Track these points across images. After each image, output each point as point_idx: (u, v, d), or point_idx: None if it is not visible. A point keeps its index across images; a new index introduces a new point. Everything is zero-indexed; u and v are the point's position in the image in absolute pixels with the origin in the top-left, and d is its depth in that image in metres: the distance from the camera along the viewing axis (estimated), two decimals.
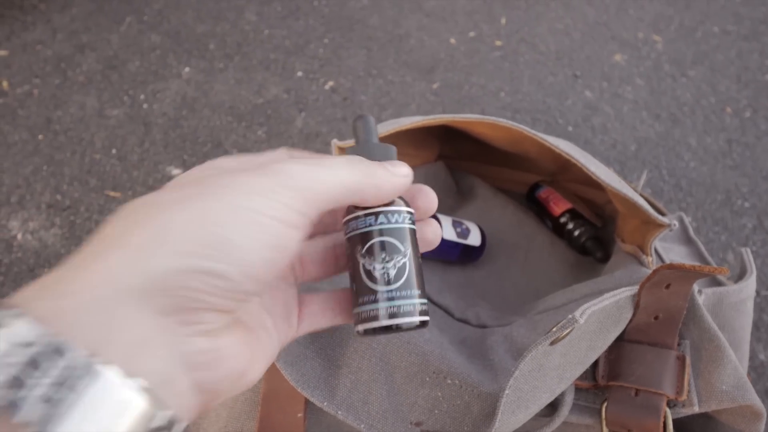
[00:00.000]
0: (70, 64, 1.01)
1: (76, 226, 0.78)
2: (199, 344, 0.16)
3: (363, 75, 1.03)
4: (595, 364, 0.31)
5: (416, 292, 0.21)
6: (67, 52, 1.03)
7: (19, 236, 0.76)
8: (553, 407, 0.30)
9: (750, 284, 0.35)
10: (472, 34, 1.15)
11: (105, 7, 1.13)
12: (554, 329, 0.27)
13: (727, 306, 0.33)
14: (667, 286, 0.29)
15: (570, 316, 0.26)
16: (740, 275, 0.37)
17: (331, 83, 1.01)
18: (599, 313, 0.29)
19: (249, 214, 0.17)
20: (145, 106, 0.95)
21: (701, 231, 0.83)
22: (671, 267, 0.28)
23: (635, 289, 0.30)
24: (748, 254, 0.37)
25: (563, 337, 0.27)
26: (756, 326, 0.71)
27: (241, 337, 0.19)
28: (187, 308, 0.16)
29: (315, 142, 0.91)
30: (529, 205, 0.56)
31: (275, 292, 0.22)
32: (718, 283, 0.38)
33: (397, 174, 0.21)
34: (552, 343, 0.27)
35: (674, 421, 0.29)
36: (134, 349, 0.14)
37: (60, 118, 0.92)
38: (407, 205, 0.22)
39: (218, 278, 0.16)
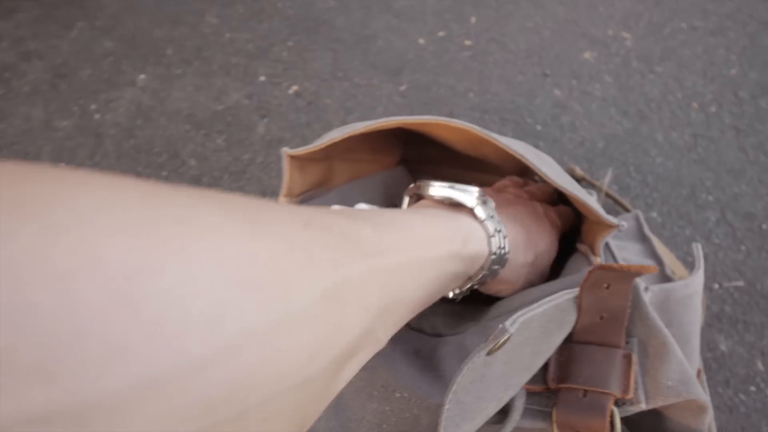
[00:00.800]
0: (15, 74, 0.95)
1: None
2: None
3: (328, 78, 1.00)
4: (546, 366, 0.31)
5: None
6: (11, 61, 0.97)
7: None
8: (504, 413, 0.30)
9: (697, 279, 0.35)
10: (441, 33, 1.13)
11: (53, 12, 1.08)
12: (488, 340, 0.26)
13: (674, 302, 0.34)
14: (607, 287, 0.29)
15: (501, 326, 0.26)
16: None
17: (295, 87, 0.98)
18: (539, 318, 0.28)
19: None
20: (96, 116, 0.90)
21: (666, 225, 0.83)
22: (602, 268, 0.28)
23: (577, 291, 0.30)
24: (698, 249, 0.38)
25: (499, 347, 0.26)
26: (717, 317, 0.70)
27: None
28: None
29: (278, 149, 0.87)
30: None
31: None
32: (668, 279, 0.39)
33: None
34: (489, 354, 0.26)
35: (623, 419, 0.29)
36: None
37: (3, 131, 0.86)
38: None
39: None
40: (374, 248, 0.17)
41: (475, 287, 0.36)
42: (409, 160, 0.55)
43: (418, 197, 0.39)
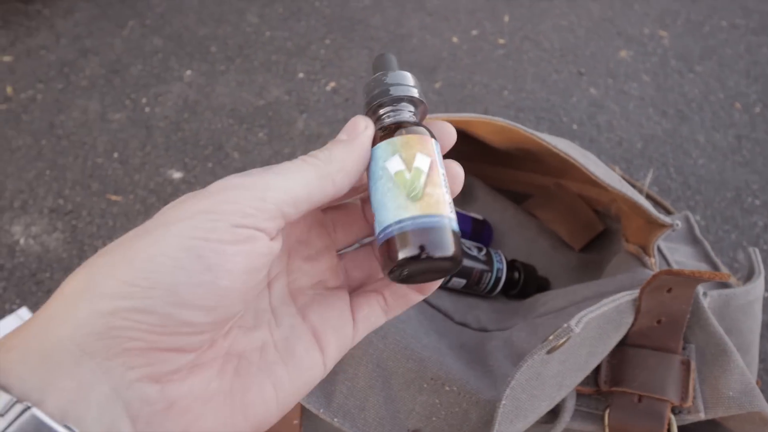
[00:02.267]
0: (74, 69, 1.01)
1: (78, 231, 0.78)
2: (144, 390, 0.15)
3: (365, 75, 1.03)
4: (597, 369, 0.30)
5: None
6: (71, 57, 1.04)
7: (22, 241, 0.77)
8: (554, 414, 0.29)
9: (758, 285, 0.34)
10: (474, 32, 1.14)
11: (108, 11, 1.14)
12: (550, 338, 0.26)
13: (735, 308, 0.33)
14: (669, 290, 0.28)
15: (565, 325, 0.26)
16: (749, 276, 0.35)
17: (332, 84, 1.01)
18: (599, 319, 0.28)
19: (179, 240, 0.16)
20: (147, 109, 0.95)
21: (710, 229, 0.82)
22: (670, 273, 0.27)
23: (636, 293, 0.29)
24: (756, 254, 0.36)
25: (560, 346, 0.26)
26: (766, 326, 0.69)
27: (207, 382, 0.17)
28: (130, 349, 0.15)
29: (316, 144, 0.90)
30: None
31: (327, 307, 0.20)
32: (725, 285, 0.37)
33: (353, 150, 0.19)
34: (549, 352, 0.26)
35: (679, 428, 0.28)
36: (73, 396, 0.14)
37: (63, 122, 0.92)
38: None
39: (145, 314, 0.15)
40: None
41: None
42: (445, 156, 0.56)
43: None
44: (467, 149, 0.54)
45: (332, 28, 1.13)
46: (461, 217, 0.49)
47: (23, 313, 0.64)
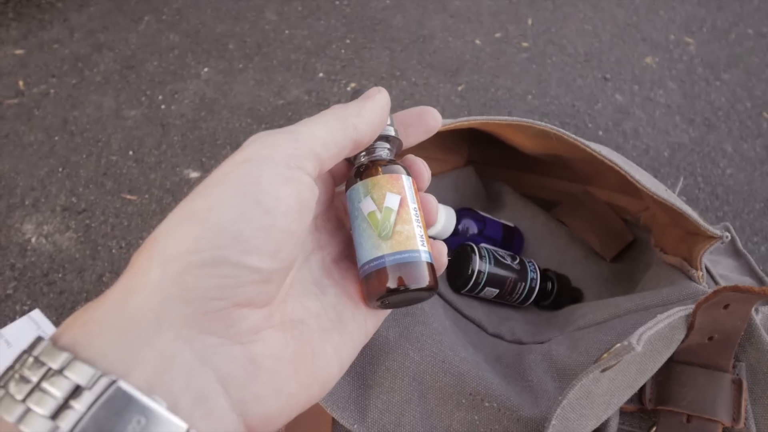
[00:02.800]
0: (87, 64, 0.99)
1: (92, 230, 0.75)
2: (231, 352, 0.15)
3: (386, 76, 1.00)
4: (642, 386, 0.29)
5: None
6: (85, 52, 1.01)
7: (34, 240, 0.74)
8: None
9: None
10: (498, 35, 1.12)
11: (123, 5, 1.12)
12: (606, 356, 0.25)
13: None
14: (726, 307, 0.27)
15: (626, 342, 0.24)
16: None
17: (353, 85, 0.98)
18: (652, 336, 0.27)
19: (235, 188, 0.16)
20: (163, 106, 0.93)
21: (740, 241, 0.79)
22: (736, 290, 0.26)
23: (690, 308, 0.28)
24: None
25: (616, 364, 0.25)
26: None
27: (285, 344, 0.18)
28: (207, 312, 0.15)
29: None
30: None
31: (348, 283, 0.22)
32: None
33: (369, 104, 0.21)
34: (603, 371, 0.25)
35: None
36: (158, 367, 0.14)
37: (76, 118, 0.90)
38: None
39: (216, 266, 0.15)
40: None
41: None
42: (474, 161, 0.54)
43: None
44: (495, 153, 0.52)
45: (352, 27, 1.10)
46: (492, 224, 0.47)
47: (36, 315, 0.61)
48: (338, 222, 0.23)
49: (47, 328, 0.60)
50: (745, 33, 1.16)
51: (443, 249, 0.22)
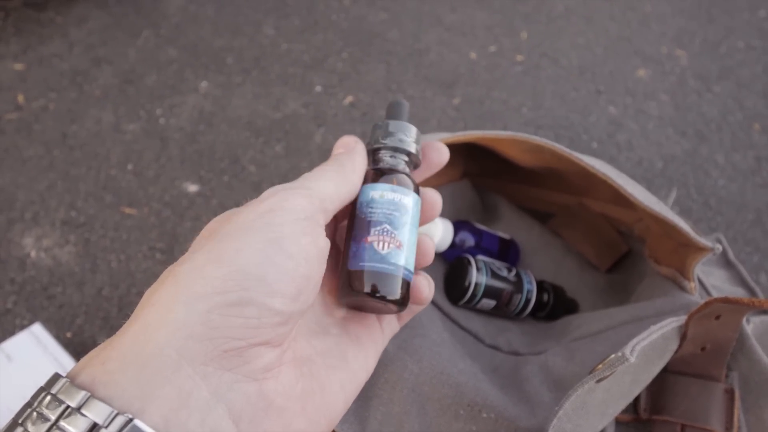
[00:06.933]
0: (87, 78, 1.00)
1: (91, 244, 0.76)
2: (245, 389, 0.16)
3: (382, 90, 1.02)
4: (637, 396, 0.30)
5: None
6: (84, 66, 1.02)
7: (33, 254, 0.74)
8: None
9: None
10: (492, 48, 1.13)
11: (122, 20, 1.13)
12: (601, 367, 0.25)
13: None
14: (717, 317, 0.28)
15: (620, 353, 0.25)
16: None
17: (350, 98, 1.00)
18: (646, 346, 0.27)
19: (262, 234, 0.17)
20: (161, 120, 0.93)
21: (732, 251, 0.80)
22: (727, 301, 0.26)
23: (682, 319, 0.29)
24: None
25: (610, 375, 0.25)
26: None
27: (295, 380, 0.18)
28: (227, 350, 0.15)
29: None
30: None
31: (360, 316, 0.23)
32: (766, 311, 0.37)
33: (358, 158, 0.23)
34: (598, 381, 0.25)
35: None
36: (175, 404, 0.14)
37: (75, 132, 0.91)
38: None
39: (242, 307, 0.16)
40: None
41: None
42: (470, 174, 0.55)
43: None
44: (493, 166, 0.53)
45: (349, 41, 1.12)
46: (488, 236, 0.47)
47: (36, 329, 0.61)
48: (337, 259, 0.24)
49: (48, 342, 0.60)
50: (735, 46, 1.18)
51: (430, 247, 0.24)
